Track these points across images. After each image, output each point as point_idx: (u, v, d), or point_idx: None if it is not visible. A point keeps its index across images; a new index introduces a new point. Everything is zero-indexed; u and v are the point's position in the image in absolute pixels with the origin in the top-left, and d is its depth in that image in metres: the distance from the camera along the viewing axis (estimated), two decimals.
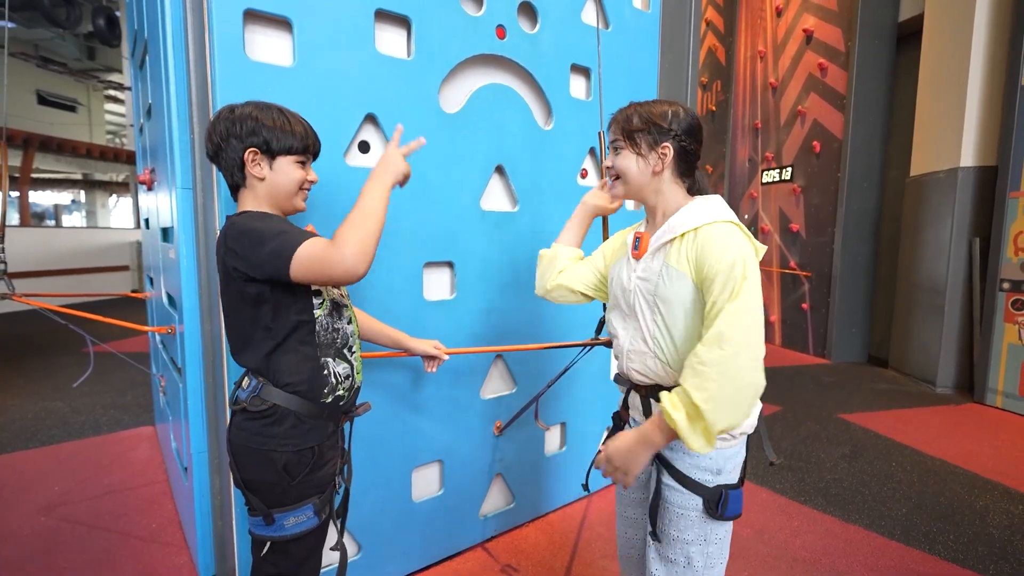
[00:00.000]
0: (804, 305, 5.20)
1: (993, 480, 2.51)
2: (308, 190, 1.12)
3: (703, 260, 0.95)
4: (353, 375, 1.14)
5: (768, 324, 5.63)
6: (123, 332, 5.10)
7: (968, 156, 3.74)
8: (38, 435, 2.98)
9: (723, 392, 0.87)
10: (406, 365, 1.68)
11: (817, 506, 2.28)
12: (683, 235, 1.00)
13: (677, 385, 0.97)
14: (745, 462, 1.08)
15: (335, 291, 1.11)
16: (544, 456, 2.13)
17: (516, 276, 1.92)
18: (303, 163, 1.09)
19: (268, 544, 1.05)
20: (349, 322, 1.14)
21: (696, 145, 1.06)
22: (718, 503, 1.02)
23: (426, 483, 1.83)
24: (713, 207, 1.02)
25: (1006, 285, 3.50)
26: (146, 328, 1.81)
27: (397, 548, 1.74)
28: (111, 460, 2.66)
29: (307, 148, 1.08)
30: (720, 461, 1.03)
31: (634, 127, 1.04)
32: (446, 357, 1.47)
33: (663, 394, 0.94)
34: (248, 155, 1.03)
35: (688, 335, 1.00)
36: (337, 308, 1.10)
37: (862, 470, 2.63)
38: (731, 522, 1.07)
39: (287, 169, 1.06)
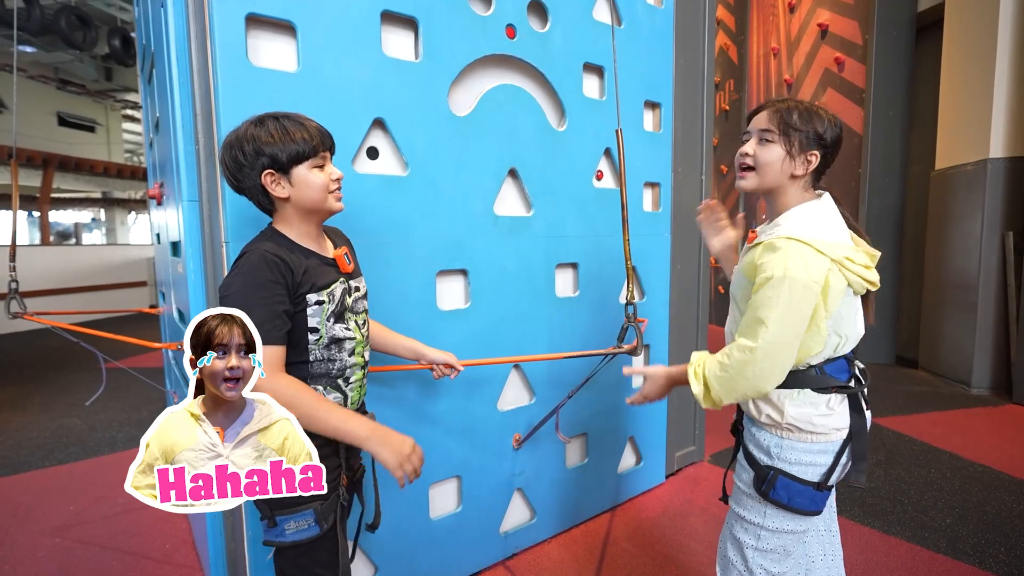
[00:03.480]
0: None
1: None
2: (339, 190, 1.08)
3: (760, 269, 0.99)
4: (345, 404, 1.11)
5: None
6: (137, 348, 5.12)
7: (997, 147, 3.60)
8: (55, 453, 2.97)
9: (733, 385, 1.00)
10: (420, 378, 1.62)
11: (854, 517, 2.16)
12: (761, 243, 1.02)
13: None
14: (831, 469, 1.05)
15: (338, 326, 1.07)
16: (566, 469, 2.05)
17: (532, 283, 1.86)
18: (320, 165, 1.04)
19: (274, 550, 1.06)
20: (351, 354, 1.11)
21: (833, 159, 1.07)
22: (764, 480, 1.06)
23: (444, 500, 1.76)
24: (797, 220, 1.02)
25: None
26: (155, 344, 1.77)
27: (415, 568, 1.68)
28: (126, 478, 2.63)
29: (315, 149, 1.03)
30: (773, 446, 1.07)
31: (794, 123, 1.01)
32: (461, 368, 1.41)
33: (695, 356, 1.07)
34: (266, 178, 1.00)
35: None
36: (337, 342, 1.08)
37: (899, 477, 2.51)
38: (795, 519, 1.07)
39: (307, 177, 1.02)
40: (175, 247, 1.76)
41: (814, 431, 1.03)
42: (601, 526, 2.11)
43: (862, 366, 1.12)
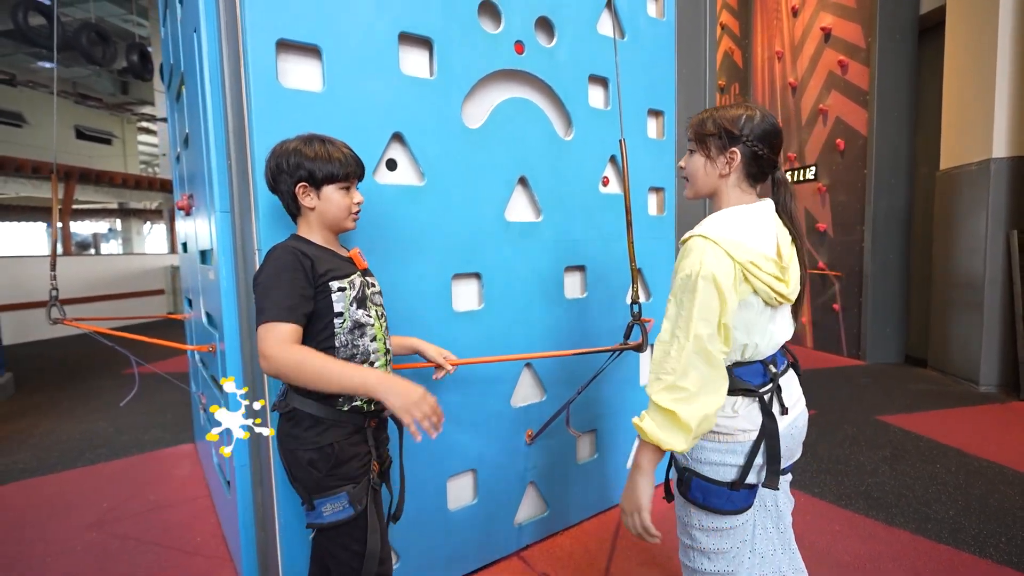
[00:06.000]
0: (835, 306, 5.09)
1: None
2: (357, 212, 1.23)
3: (677, 268, 1.04)
4: None
5: (799, 326, 5.52)
6: (161, 353, 5.27)
7: (1000, 147, 3.65)
8: (85, 454, 3.10)
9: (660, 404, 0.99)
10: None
11: (859, 510, 2.22)
12: (682, 242, 1.06)
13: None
14: (744, 469, 1.05)
15: (360, 311, 1.17)
16: (576, 464, 2.13)
17: (542, 284, 1.94)
18: (347, 188, 1.19)
19: (315, 531, 1.16)
20: (373, 340, 1.20)
21: (769, 150, 1.07)
22: (681, 480, 1.10)
23: (461, 492, 1.85)
24: (711, 219, 1.06)
25: None
26: (188, 347, 1.88)
27: (434, 557, 1.76)
28: (155, 477, 2.75)
29: (348, 174, 1.18)
30: (692, 448, 1.08)
31: (706, 131, 1.08)
32: (451, 369, 1.47)
33: (635, 420, 1.02)
34: (299, 188, 1.15)
35: None
36: (360, 327, 1.18)
37: (904, 472, 2.56)
38: (717, 517, 1.07)
39: (333, 196, 1.17)
40: (205, 255, 1.87)
41: (718, 431, 1.04)
42: (612, 519, 2.18)
43: (777, 370, 1.10)
